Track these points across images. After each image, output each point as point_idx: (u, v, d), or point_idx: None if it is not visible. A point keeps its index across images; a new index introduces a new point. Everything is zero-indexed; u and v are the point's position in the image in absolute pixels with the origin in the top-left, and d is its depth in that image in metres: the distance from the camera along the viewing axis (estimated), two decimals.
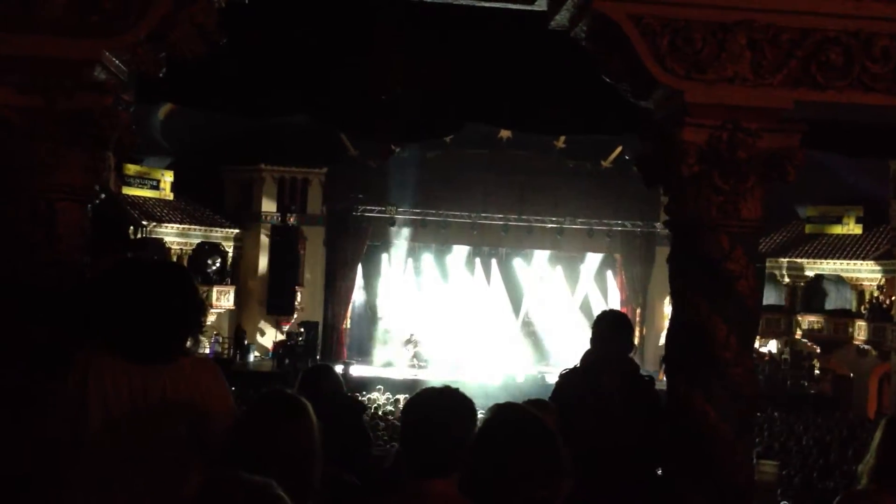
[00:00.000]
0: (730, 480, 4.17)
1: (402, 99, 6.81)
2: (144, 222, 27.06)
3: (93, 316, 3.30)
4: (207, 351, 27.72)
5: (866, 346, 30.35)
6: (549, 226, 32.72)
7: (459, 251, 34.23)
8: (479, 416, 2.81)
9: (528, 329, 34.70)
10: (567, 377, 5.14)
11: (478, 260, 34.43)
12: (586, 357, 5.11)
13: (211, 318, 29.28)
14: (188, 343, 3.34)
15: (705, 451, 4.14)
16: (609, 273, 35.00)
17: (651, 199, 28.14)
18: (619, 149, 29.43)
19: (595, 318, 5.20)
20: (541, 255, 34.53)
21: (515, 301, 34.80)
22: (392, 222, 32.09)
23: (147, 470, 3.12)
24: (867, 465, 3.34)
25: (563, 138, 29.09)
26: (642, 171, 4.48)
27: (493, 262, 34.53)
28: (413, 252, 34.00)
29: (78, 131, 3.85)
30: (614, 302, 33.75)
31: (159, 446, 3.14)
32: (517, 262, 34.82)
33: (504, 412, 2.44)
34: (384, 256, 33.87)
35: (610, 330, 5.05)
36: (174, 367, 3.23)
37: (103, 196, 4.12)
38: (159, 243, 28.35)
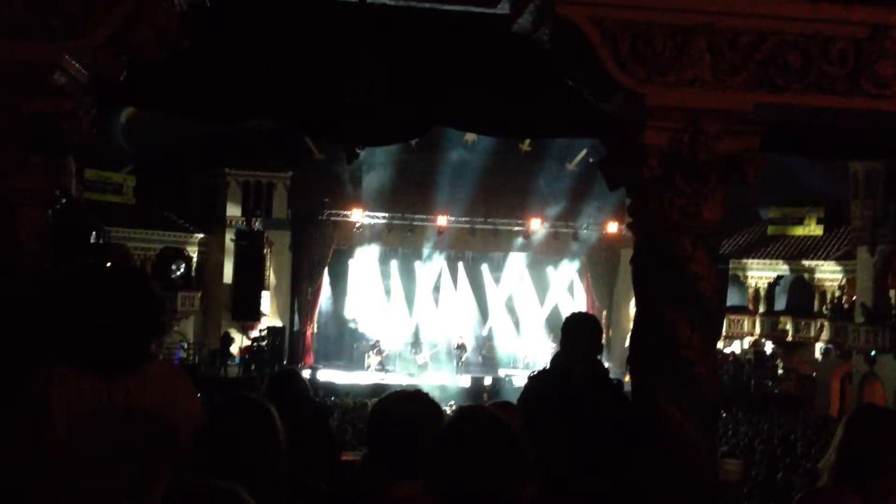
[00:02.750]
0: (695, 479, 4.20)
1: (367, 102, 6.81)
2: (106, 227, 26.74)
3: (54, 324, 3.26)
4: (173, 357, 27.49)
5: (828, 346, 30.75)
6: (516, 228, 32.84)
7: (426, 255, 34.15)
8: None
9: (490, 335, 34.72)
10: (536, 379, 5.15)
11: (445, 264, 34.40)
12: (555, 359, 5.12)
13: (175, 325, 29.07)
14: (151, 348, 3.31)
15: (670, 451, 4.18)
16: (575, 276, 35.15)
17: (616, 201, 28.31)
18: (584, 152, 29.63)
19: (563, 320, 5.21)
20: (510, 258, 34.57)
21: (482, 305, 34.84)
22: (358, 226, 32.02)
23: (112, 478, 3.09)
24: (828, 463, 3.38)
25: (528, 141, 29.24)
26: (605, 173, 4.50)
27: (460, 265, 34.54)
28: (379, 256, 33.93)
29: (38, 135, 3.81)
30: (581, 304, 33.92)
31: (124, 454, 3.11)
32: (484, 267, 34.85)
33: (467, 413, 2.45)
34: (350, 261, 33.75)
35: (578, 331, 5.06)
36: (138, 375, 3.19)
37: (64, 201, 4.08)
38: (122, 249, 28.04)
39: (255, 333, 30.27)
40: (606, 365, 5.14)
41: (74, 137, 3.92)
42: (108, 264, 3.88)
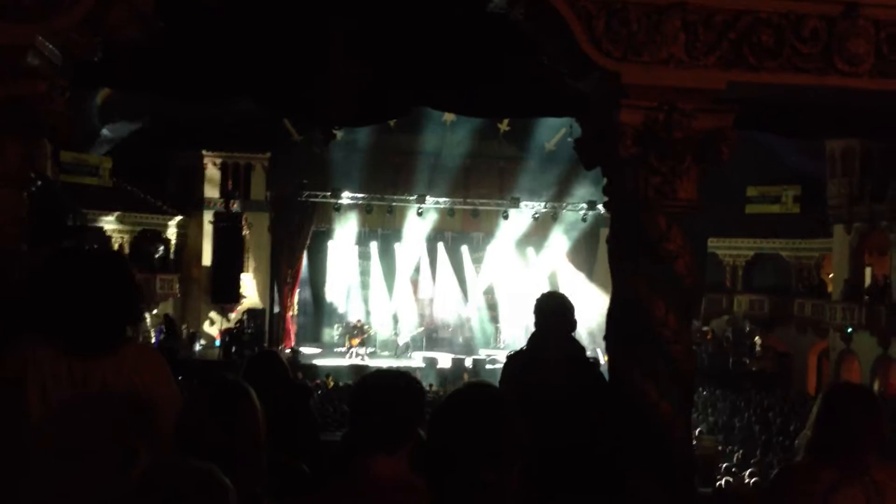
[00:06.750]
0: (671, 455, 4.25)
1: (345, 82, 6.78)
2: (83, 210, 26.54)
3: (30, 306, 3.25)
4: (153, 340, 27.40)
5: (805, 324, 31.00)
6: (495, 209, 32.80)
7: (405, 236, 34.03)
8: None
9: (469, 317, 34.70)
10: (513, 358, 5.19)
11: (425, 245, 34.28)
12: (531, 339, 5.16)
13: (154, 308, 28.95)
14: (127, 332, 3.31)
15: (646, 428, 4.22)
16: (556, 255, 35.11)
17: (594, 181, 28.32)
18: (563, 131, 29.62)
19: (535, 300, 5.23)
20: (491, 239, 34.50)
21: (463, 287, 34.80)
22: (337, 207, 31.92)
23: (89, 460, 3.10)
24: (805, 439, 3.43)
25: (506, 121, 29.21)
26: (581, 152, 4.53)
27: (440, 246, 34.44)
28: (359, 237, 33.84)
29: (12, 118, 3.79)
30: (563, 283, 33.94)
31: (100, 436, 3.12)
32: (463, 247, 34.81)
33: (466, 390, 2.45)
34: (330, 242, 33.65)
35: (550, 310, 5.09)
36: (114, 357, 3.20)
37: (39, 183, 4.06)
38: (99, 231, 27.86)
39: (234, 316, 30.19)
40: (584, 344, 5.16)
41: (49, 119, 3.89)
42: (85, 247, 3.87)
